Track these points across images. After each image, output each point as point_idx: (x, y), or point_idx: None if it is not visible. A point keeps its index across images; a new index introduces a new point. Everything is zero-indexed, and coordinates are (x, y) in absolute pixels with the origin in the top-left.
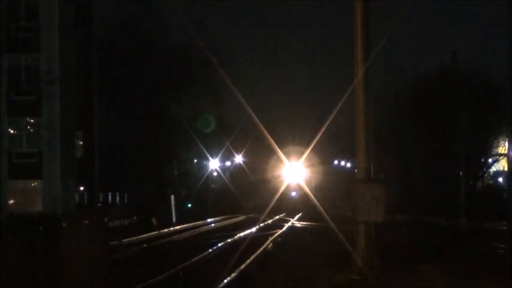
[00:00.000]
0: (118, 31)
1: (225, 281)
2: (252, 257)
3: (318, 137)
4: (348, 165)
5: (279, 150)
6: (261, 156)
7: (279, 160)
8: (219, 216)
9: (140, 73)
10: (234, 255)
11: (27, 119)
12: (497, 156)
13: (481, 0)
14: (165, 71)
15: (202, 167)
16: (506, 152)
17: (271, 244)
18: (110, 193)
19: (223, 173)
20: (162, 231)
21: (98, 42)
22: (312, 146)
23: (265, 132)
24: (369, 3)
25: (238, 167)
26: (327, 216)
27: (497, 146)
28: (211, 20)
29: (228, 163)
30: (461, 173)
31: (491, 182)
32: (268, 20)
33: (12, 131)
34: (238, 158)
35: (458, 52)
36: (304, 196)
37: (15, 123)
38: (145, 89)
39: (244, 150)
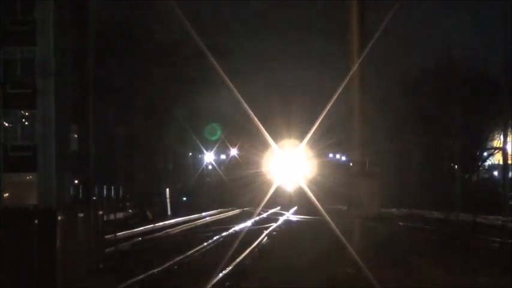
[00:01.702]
0: (113, 24)
1: (220, 274)
2: (248, 251)
3: (313, 130)
4: (343, 158)
5: (273, 144)
6: (256, 149)
7: (274, 153)
8: (214, 209)
9: (135, 67)
10: (229, 249)
11: (22, 112)
12: (492, 150)
13: None
14: (160, 64)
15: (197, 161)
16: (501, 145)
17: (266, 238)
18: (104, 186)
19: (218, 166)
20: (157, 224)
21: (93, 36)
22: (307, 139)
23: (260, 125)
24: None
25: (234, 160)
26: (322, 209)
27: (492, 140)
28: (207, 14)
29: (223, 156)
30: (456, 166)
31: (486, 175)
32: (263, 12)
33: (7, 124)
34: (233, 152)
35: (454, 46)
36: (299, 189)
37: (10, 116)
38: (140, 83)
39: (239, 143)
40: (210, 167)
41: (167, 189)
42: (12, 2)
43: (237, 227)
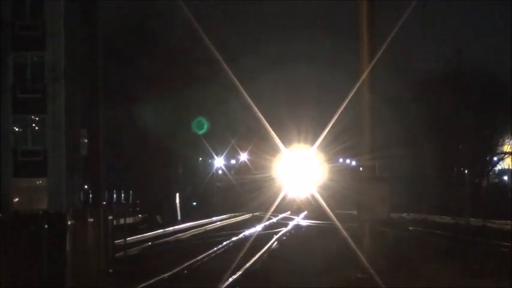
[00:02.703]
0: (123, 29)
1: (230, 279)
2: (257, 256)
3: (323, 135)
4: (354, 163)
5: (284, 148)
6: (266, 154)
7: (285, 158)
8: (224, 214)
9: (145, 71)
10: (239, 254)
11: (32, 116)
12: (502, 155)
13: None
14: (170, 68)
15: (207, 165)
16: (511, 150)
17: (276, 243)
18: (114, 191)
19: (228, 171)
20: (167, 229)
21: (103, 40)
22: (318, 143)
23: (270, 129)
24: (374, 2)
25: (244, 165)
26: (332, 214)
27: (503, 144)
28: (216, 17)
29: (233, 161)
30: (466, 171)
31: (496, 180)
32: (273, 16)
33: (17, 129)
34: (244, 156)
35: (463, 51)
36: (309, 194)
37: (21, 121)
38: (150, 87)
39: (249, 148)
40: (220, 171)
41: (177, 194)
42: (22, 6)
43: (247, 232)
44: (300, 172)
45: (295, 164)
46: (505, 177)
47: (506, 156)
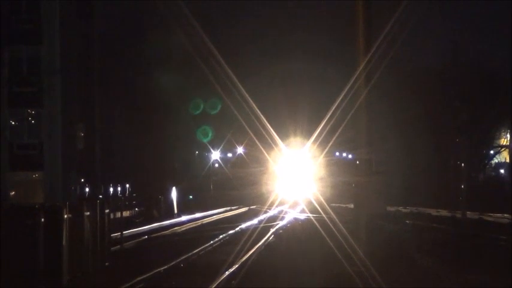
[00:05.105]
0: (119, 22)
1: (227, 272)
2: (254, 249)
3: (319, 128)
4: (350, 156)
5: (280, 142)
6: (263, 147)
7: (281, 151)
8: (220, 207)
9: (141, 65)
10: (235, 248)
11: (29, 110)
12: (499, 148)
13: None
14: (166, 62)
15: (203, 159)
16: (508, 143)
17: (272, 236)
18: (111, 184)
19: (224, 164)
20: (163, 223)
21: (99, 34)
22: (314, 137)
23: (267, 123)
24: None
25: (240, 158)
26: (328, 208)
27: (499, 138)
28: (213, 11)
29: (229, 154)
30: (462, 164)
31: (493, 173)
32: (270, 11)
33: (13, 123)
34: (240, 150)
35: (459, 43)
36: (306, 188)
37: (17, 115)
38: (146, 81)
39: (245, 141)
40: (216, 165)
41: (173, 188)
42: (18, 0)
43: (243, 225)
44: (297, 165)
45: (292, 158)
46: (502, 171)
47: (503, 149)
